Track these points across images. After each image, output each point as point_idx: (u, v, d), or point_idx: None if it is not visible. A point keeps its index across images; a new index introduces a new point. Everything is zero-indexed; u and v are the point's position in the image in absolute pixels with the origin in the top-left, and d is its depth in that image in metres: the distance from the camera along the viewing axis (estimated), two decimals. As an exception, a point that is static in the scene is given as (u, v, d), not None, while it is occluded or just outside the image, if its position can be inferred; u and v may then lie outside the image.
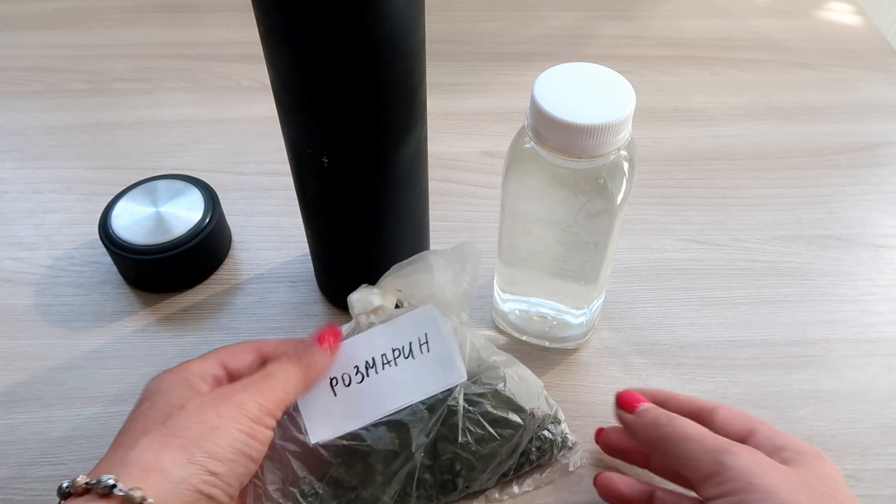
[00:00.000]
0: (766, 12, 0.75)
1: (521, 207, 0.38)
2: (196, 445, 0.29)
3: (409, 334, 0.38)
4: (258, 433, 0.31)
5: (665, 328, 0.47)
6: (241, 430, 0.30)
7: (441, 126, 0.60)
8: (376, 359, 0.38)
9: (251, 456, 0.30)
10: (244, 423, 0.30)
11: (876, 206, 0.55)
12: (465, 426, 0.37)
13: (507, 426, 0.37)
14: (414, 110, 0.36)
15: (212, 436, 0.29)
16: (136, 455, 0.28)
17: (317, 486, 0.36)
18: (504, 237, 0.41)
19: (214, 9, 0.74)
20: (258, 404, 0.31)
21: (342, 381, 0.37)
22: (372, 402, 0.37)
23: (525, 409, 0.38)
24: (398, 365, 0.38)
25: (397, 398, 0.37)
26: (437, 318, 0.38)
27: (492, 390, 0.38)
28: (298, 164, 0.39)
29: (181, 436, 0.29)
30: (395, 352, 0.38)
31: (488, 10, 0.75)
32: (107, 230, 0.47)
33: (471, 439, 0.37)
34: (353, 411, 0.37)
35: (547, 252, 0.40)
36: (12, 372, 0.44)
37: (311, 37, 0.30)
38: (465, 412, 0.37)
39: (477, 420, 0.37)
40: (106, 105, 0.63)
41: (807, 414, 0.43)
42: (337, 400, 0.37)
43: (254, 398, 0.31)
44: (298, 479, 0.35)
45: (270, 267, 0.50)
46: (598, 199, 0.35)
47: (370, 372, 0.37)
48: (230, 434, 0.30)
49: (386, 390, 0.37)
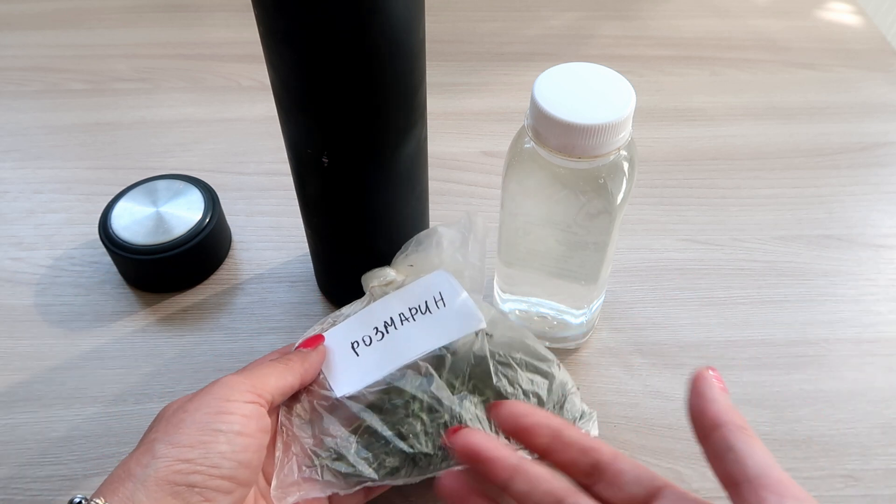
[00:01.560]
0: (766, 12, 0.75)
1: (521, 207, 0.38)
2: (161, 442, 0.29)
3: (425, 294, 0.38)
4: (234, 408, 0.30)
5: (665, 328, 0.47)
6: (210, 413, 0.30)
7: (441, 126, 0.60)
8: (394, 318, 0.38)
9: (232, 430, 0.30)
10: (214, 405, 0.30)
11: (876, 206, 0.55)
12: (497, 369, 0.36)
13: (537, 371, 0.37)
14: (414, 110, 0.36)
15: (177, 430, 0.29)
16: (112, 473, 0.29)
17: (348, 437, 0.35)
18: (504, 237, 0.41)
19: (214, 9, 0.74)
20: (229, 385, 0.31)
21: (363, 342, 0.38)
22: (394, 354, 0.37)
23: (551, 359, 0.38)
24: (416, 320, 0.38)
25: (419, 346, 0.37)
26: (449, 278, 0.39)
27: (518, 339, 0.38)
28: (298, 164, 0.39)
29: (148, 440, 0.30)
30: (411, 310, 0.38)
31: (488, 10, 0.75)
32: (107, 230, 0.47)
33: (505, 382, 0.36)
34: (376, 364, 0.37)
35: (547, 252, 0.40)
36: (12, 372, 0.44)
37: (311, 37, 0.30)
38: (495, 356, 0.37)
39: (507, 363, 0.36)
40: (106, 105, 0.63)
41: (807, 414, 0.43)
42: (359, 359, 0.37)
43: (224, 381, 0.32)
44: (329, 429, 0.35)
45: (270, 267, 0.50)
46: (598, 199, 0.35)
47: (389, 329, 0.38)
48: (197, 420, 0.30)
49: (406, 342, 0.37)
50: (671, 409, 0.43)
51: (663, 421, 0.42)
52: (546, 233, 0.38)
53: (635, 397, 0.43)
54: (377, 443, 0.35)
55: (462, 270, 0.39)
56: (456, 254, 0.39)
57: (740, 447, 0.26)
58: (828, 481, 0.40)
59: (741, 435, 0.26)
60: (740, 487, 0.25)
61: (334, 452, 0.35)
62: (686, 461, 0.40)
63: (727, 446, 0.26)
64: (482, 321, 0.37)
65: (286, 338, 0.46)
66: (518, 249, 0.41)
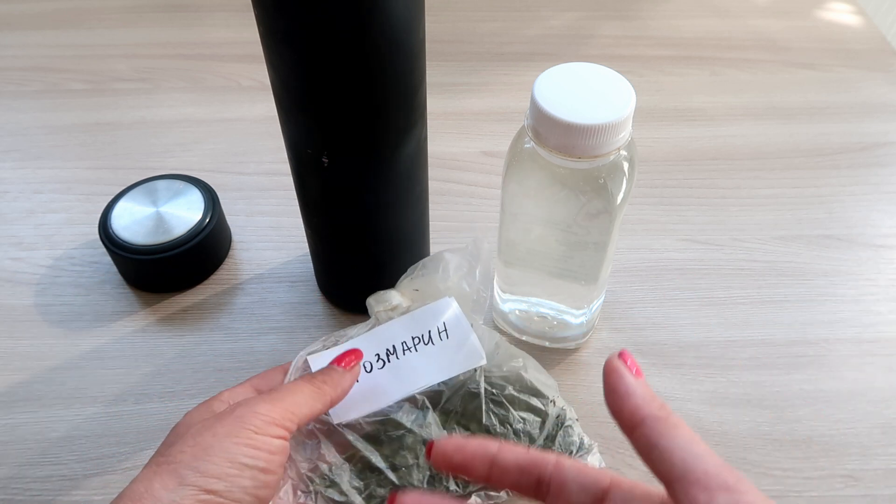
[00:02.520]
0: (766, 12, 0.75)
1: (521, 207, 0.38)
2: (188, 468, 0.29)
3: (428, 323, 0.38)
4: (262, 443, 0.30)
5: (665, 328, 0.47)
6: (239, 444, 0.30)
7: (441, 126, 0.60)
8: (396, 346, 0.38)
9: (257, 467, 0.30)
10: (243, 435, 0.30)
11: (876, 206, 0.55)
12: (489, 408, 0.37)
13: (530, 409, 0.37)
14: (414, 110, 0.36)
15: (205, 455, 0.29)
16: (131, 487, 0.28)
17: (343, 464, 0.36)
18: (504, 237, 0.41)
19: (214, 9, 0.74)
20: (260, 415, 0.31)
21: (364, 369, 0.38)
22: (393, 385, 0.37)
23: (546, 395, 0.38)
24: (418, 351, 0.38)
25: (418, 379, 0.37)
26: (454, 308, 0.39)
27: (515, 373, 0.38)
28: (298, 164, 0.39)
29: (174, 461, 0.29)
30: (414, 339, 0.38)
31: (488, 10, 0.75)
32: (107, 230, 0.47)
33: (495, 421, 0.37)
34: (375, 394, 0.37)
35: (547, 252, 0.40)
36: (12, 372, 0.44)
37: (311, 37, 0.30)
38: (488, 394, 0.37)
39: (500, 402, 0.37)
40: (106, 105, 0.63)
41: (807, 414, 0.43)
42: (360, 385, 0.37)
43: (255, 409, 0.31)
44: (325, 455, 0.36)
45: (270, 267, 0.50)
46: (598, 199, 0.35)
47: (391, 358, 0.38)
48: (226, 449, 0.29)
49: (406, 373, 0.37)
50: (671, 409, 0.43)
51: (663, 421, 0.42)
52: (546, 233, 0.38)
53: (635, 397, 0.43)
54: (370, 473, 0.36)
55: (467, 297, 0.39)
56: (462, 281, 0.39)
57: (663, 444, 0.24)
58: (828, 481, 0.40)
59: (661, 427, 0.25)
60: (672, 487, 0.24)
61: (328, 480, 0.35)
62: (686, 461, 0.40)
63: (650, 444, 0.25)
64: (483, 358, 0.37)
65: (286, 338, 0.46)
66: (518, 249, 0.41)
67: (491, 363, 0.38)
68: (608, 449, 0.41)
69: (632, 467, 0.40)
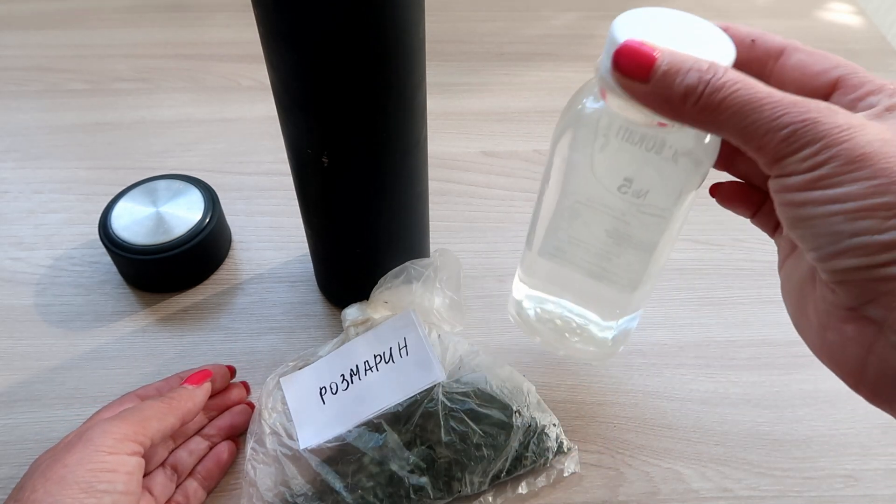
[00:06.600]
0: (765, 12, 0.75)
1: (573, 184, 0.33)
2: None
3: (390, 339, 0.40)
4: (117, 464, 0.30)
5: (665, 328, 0.47)
6: (94, 470, 0.29)
7: (441, 126, 0.60)
8: (360, 366, 0.39)
9: (116, 491, 0.29)
10: (96, 459, 0.29)
11: (876, 206, 0.55)
12: (449, 425, 0.37)
13: (492, 423, 0.37)
14: (414, 110, 0.36)
15: (59, 490, 0.28)
16: None
17: (305, 488, 0.37)
18: (543, 222, 0.36)
19: (214, 9, 0.74)
20: (111, 434, 0.31)
21: (330, 391, 0.39)
22: (354, 408, 0.38)
23: (510, 406, 0.38)
24: (379, 370, 0.39)
25: (377, 401, 0.38)
26: (414, 321, 0.39)
27: (474, 388, 0.38)
28: (298, 164, 0.39)
29: (25, 499, 0.29)
30: (376, 357, 0.39)
31: (488, 10, 0.75)
32: (107, 230, 0.47)
33: (455, 437, 0.37)
34: (338, 417, 0.38)
35: (590, 244, 0.35)
36: (12, 372, 0.44)
37: (311, 37, 0.30)
38: (448, 410, 0.37)
39: (461, 418, 0.37)
40: (106, 105, 0.63)
41: (807, 414, 0.43)
42: (325, 408, 0.38)
43: (104, 429, 0.31)
44: (289, 481, 0.37)
45: (270, 267, 0.50)
46: (684, 169, 0.30)
47: (354, 379, 0.39)
48: (80, 478, 0.29)
49: (368, 395, 0.38)
50: (671, 409, 0.43)
51: (663, 421, 0.42)
52: (595, 219, 0.33)
53: (635, 397, 0.43)
54: (330, 495, 0.36)
55: (431, 308, 0.40)
56: (426, 292, 0.40)
57: None
58: (828, 481, 0.40)
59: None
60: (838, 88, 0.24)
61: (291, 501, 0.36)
62: (686, 461, 0.40)
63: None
64: (440, 375, 0.38)
65: (286, 338, 0.46)
66: (559, 237, 0.36)
67: (451, 378, 0.38)
68: (608, 449, 0.41)
69: (632, 467, 0.40)
